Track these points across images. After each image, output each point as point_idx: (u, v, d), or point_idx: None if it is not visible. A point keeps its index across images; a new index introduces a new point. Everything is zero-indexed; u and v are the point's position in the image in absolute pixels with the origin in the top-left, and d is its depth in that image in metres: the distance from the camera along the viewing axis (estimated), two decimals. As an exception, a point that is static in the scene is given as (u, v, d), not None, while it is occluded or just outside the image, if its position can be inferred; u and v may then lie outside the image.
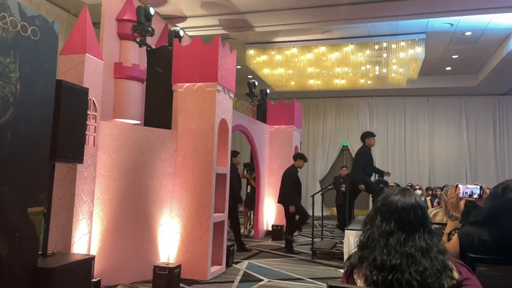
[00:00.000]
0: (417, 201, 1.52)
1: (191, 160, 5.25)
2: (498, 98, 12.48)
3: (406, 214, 1.48)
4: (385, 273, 1.41)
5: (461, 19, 7.45)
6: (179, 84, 5.42)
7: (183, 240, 5.16)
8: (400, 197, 1.53)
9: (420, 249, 1.42)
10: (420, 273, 1.37)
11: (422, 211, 1.50)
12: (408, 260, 1.40)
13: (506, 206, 1.96)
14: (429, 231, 1.47)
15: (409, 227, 1.47)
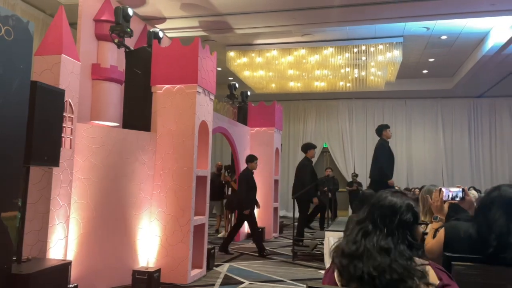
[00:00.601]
0: (406, 205, 1.52)
1: (171, 162, 5.19)
2: (473, 100, 12.82)
3: (387, 213, 1.51)
4: (345, 259, 1.47)
5: (437, 23, 7.63)
6: (158, 85, 5.37)
7: (163, 244, 5.10)
8: (392, 197, 1.56)
9: (378, 247, 1.44)
10: (374, 268, 1.40)
11: (404, 217, 1.50)
12: (366, 254, 1.44)
13: (491, 202, 2.02)
14: (403, 238, 1.46)
15: (385, 225, 1.49)
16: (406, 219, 1.49)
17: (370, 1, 6.33)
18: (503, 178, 12.37)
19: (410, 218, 1.50)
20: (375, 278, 1.39)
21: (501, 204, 1.98)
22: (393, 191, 1.61)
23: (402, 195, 1.58)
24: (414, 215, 1.52)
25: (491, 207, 2.00)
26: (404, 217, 1.49)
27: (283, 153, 12.34)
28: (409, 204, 1.53)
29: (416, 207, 1.55)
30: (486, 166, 12.70)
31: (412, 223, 1.51)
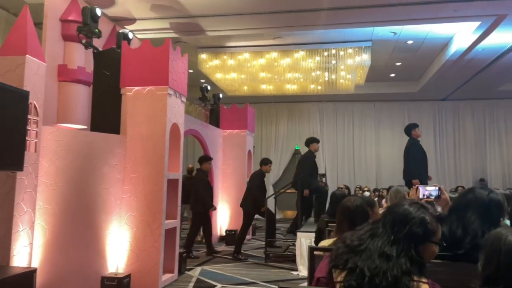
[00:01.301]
0: (420, 219, 1.48)
1: (141, 165, 5.11)
2: (438, 103, 13.26)
3: (398, 220, 1.49)
4: (344, 248, 1.51)
5: (403, 28, 7.86)
6: (128, 87, 5.27)
7: (133, 249, 5.00)
8: (409, 206, 1.53)
9: (381, 251, 1.44)
10: (369, 268, 1.41)
11: (414, 229, 1.46)
12: (366, 252, 1.45)
13: (467, 205, 2.08)
14: (408, 250, 1.43)
15: (393, 232, 1.48)
16: (415, 232, 1.46)
17: (339, 6, 6.45)
18: (466, 177, 12.87)
19: (419, 232, 1.46)
20: (365, 277, 1.40)
21: (477, 207, 2.03)
22: (412, 202, 1.57)
23: (421, 207, 1.53)
24: (425, 230, 1.47)
25: (467, 209, 2.05)
26: (413, 229, 1.46)
27: (256, 156, 12.37)
28: (423, 218, 1.48)
29: (432, 223, 1.49)
30: (450, 166, 13.16)
31: (421, 238, 1.47)
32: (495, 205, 2.05)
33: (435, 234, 1.50)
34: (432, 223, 1.49)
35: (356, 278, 1.42)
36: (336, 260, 1.51)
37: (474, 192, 2.11)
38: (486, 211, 2.03)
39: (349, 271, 1.45)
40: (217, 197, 8.64)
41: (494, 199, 2.06)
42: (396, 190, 3.61)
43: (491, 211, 2.03)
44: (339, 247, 1.55)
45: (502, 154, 12.80)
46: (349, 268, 1.45)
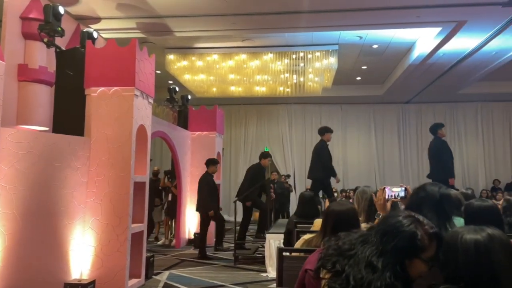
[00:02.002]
0: (410, 233, 1.45)
1: (107, 168, 4.98)
2: (401, 106, 13.67)
3: (389, 231, 1.48)
4: (334, 250, 1.51)
5: (368, 33, 8.06)
6: (92, 88, 5.13)
7: (98, 254, 4.86)
8: (403, 219, 1.50)
9: (368, 261, 1.43)
10: (355, 278, 1.41)
11: (401, 244, 1.44)
12: (355, 258, 1.46)
13: (421, 203, 2.14)
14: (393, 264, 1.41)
15: (382, 243, 1.46)
16: (403, 246, 1.43)
17: (307, 9, 6.54)
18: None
19: (407, 246, 1.43)
20: (349, 284, 1.41)
21: (430, 204, 2.10)
22: (407, 215, 1.53)
23: (415, 221, 1.49)
24: (413, 246, 1.43)
25: (422, 207, 2.10)
26: (401, 243, 1.44)
27: (225, 158, 12.32)
28: (414, 233, 1.45)
29: (423, 240, 1.44)
30: (413, 166, 13.59)
31: (408, 253, 1.44)
32: (446, 199, 2.14)
33: (424, 250, 1.45)
34: (423, 239, 1.45)
35: (341, 282, 1.43)
36: (325, 260, 1.52)
37: (425, 189, 2.18)
38: (439, 207, 2.10)
39: (335, 273, 1.47)
40: (185, 200, 8.54)
41: (445, 193, 2.15)
42: (362, 190, 3.68)
43: (443, 206, 2.11)
44: (330, 246, 1.56)
45: (462, 155, 13.34)
46: (336, 270, 1.46)
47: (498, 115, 13.32)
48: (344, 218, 2.37)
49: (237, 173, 13.94)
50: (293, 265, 2.34)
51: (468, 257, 1.39)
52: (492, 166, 13.23)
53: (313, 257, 1.64)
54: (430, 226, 1.50)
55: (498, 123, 13.32)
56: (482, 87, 11.62)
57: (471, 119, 13.42)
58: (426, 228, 1.48)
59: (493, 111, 13.28)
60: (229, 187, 13.74)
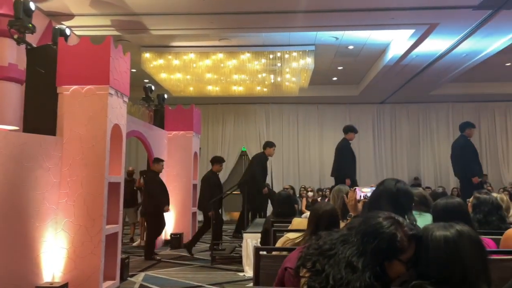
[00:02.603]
0: (390, 234, 1.46)
1: (80, 168, 4.87)
2: (376, 106, 13.92)
3: (369, 232, 1.49)
4: (314, 250, 1.53)
5: (344, 34, 8.17)
6: (65, 86, 5.01)
7: (71, 256, 4.75)
8: (383, 220, 1.52)
9: (348, 261, 1.44)
10: (335, 277, 1.43)
11: (381, 245, 1.45)
12: (335, 258, 1.47)
13: (379, 196, 2.22)
14: (373, 265, 1.43)
15: (362, 243, 1.48)
16: (382, 247, 1.45)
17: (283, 10, 6.57)
18: (402, 176, 13.59)
19: (386, 247, 1.45)
20: (328, 284, 1.42)
21: (387, 197, 2.18)
22: (388, 216, 1.54)
23: (396, 223, 1.51)
24: (393, 247, 1.45)
25: (380, 200, 2.19)
26: (381, 244, 1.45)
27: (202, 157, 12.25)
28: (394, 235, 1.47)
29: (402, 241, 1.46)
30: (388, 165, 13.86)
31: (387, 254, 1.46)
32: (402, 193, 2.21)
33: (403, 252, 1.47)
34: (403, 241, 1.46)
35: (321, 281, 1.44)
36: (305, 259, 1.53)
37: (384, 183, 2.27)
38: (395, 200, 2.18)
39: (315, 272, 1.48)
40: (162, 200, 8.44)
41: (401, 188, 2.23)
42: (338, 189, 3.73)
43: (399, 199, 2.19)
44: (311, 245, 1.57)
45: (434, 154, 13.70)
46: (316, 270, 1.47)
47: (468, 115, 13.70)
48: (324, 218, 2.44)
49: (214, 173, 13.86)
50: (270, 264, 2.35)
51: (438, 253, 1.43)
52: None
53: (293, 255, 1.65)
54: (409, 228, 1.51)
55: (469, 123, 13.73)
56: (453, 88, 11.97)
57: (443, 119, 13.79)
58: (406, 230, 1.50)
59: (464, 111, 13.68)
60: (206, 187, 13.66)
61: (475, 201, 3.13)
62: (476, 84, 11.93)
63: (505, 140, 13.48)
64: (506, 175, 13.20)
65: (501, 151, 13.43)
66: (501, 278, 1.85)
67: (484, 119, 13.62)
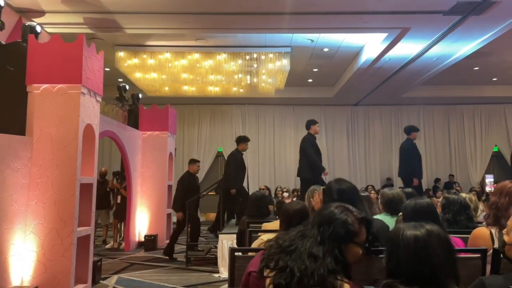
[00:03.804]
0: (343, 220, 1.59)
1: (50, 169, 4.74)
2: (350, 108, 14.15)
3: (324, 221, 1.60)
4: (276, 249, 1.57)
5: (320, 36, 8.27)
6: (35, 85, 4.87)
7: (41, 259, 4.62)
8: (335, 209, 1.65)
9: (309, 252, 1.52)
10: (299, 269, 1.49)
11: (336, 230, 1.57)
12: (296, 253, 1.53)
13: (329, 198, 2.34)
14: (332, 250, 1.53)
15: (319, 233, 1.58)
16: (338, 232, 1.57)
17: (259, 11, 6.59)
18: (375, 177, 13.91)
19: (341, 232, 1.58)
20: (294, 276, 1.47)
21: (329, 196, 2.30)
22: (338, 205, 1.67)
23: (345, 210, 1.65)
24: (347, 231, 1.58)
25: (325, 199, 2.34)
26: (336, 230, 1.57)
27: (177, 158, 12.13)
28: (346, 220, 1.60)
29: (354, 225, 1.60)
30: (361, 166, 14.11)
31: (343, 239, 1.57)
32: (342, 193, 2.33)
33: (357, 235, 1.61)
34: (354, 224, 1.60)
35: (286, 277, 1.49)
36: (268, 259, 1.57)
37: (329, 184, 2.44)
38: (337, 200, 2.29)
39: (279, 269, 1.51)
40: (135, 201, 8.32)
41: (340, 188, 2.36)
42: (313, 189, 3.77)
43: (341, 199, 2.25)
44: (271, 246, 1.61)
45: (406, 156, 14.03)
46: (280, 267, 1.51)
47: (439, 117, 14.14)
48: (296, 217, 2.47)
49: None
50: (245, 265, 2.34)
51: (408, 252, 1.47)
52: (433, 166, 14.02)
53: (255, 259, 1.68)
54: (358, 213, 1.67)
55: (439, 125, 14.14)
56: (424, 91, 12.30)
57: (414, 121, 14.08)
58: (355, 214, 1.64)
59: (434, 114, 14.09)
60: (182, 188, 13.54)
61: (444, 201, 3.23)
62: (446, 87, 12.31)
63: (473, 142, 13.95)
64: (474, 176, 13.66)
65: (469, 153, 13.89)
66: (468, 276, 1.92)
67: (453, 122, 14.06)
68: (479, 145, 13.84)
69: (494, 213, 2.40)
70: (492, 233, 2.34)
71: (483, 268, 2.15)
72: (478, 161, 13.84)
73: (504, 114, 13.85)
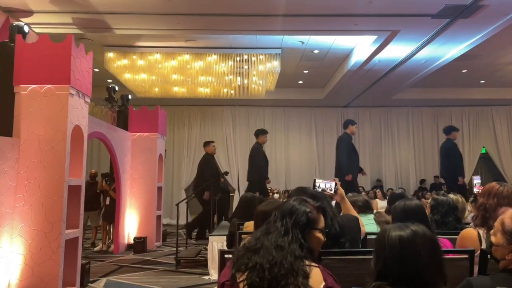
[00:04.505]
0: (303, 210, 1.72)
1: (38, 171, 4.67)
2: (340, 109, 14.22)
3: (286, 213, 1.71)
4: (242, 251, 1.62)
5: (310, 38, 8.30)
6: (23, 85, 4.80)
7: (28, 262, 4.55)
8: (294, 202, 1.79)
9: (275, 244, 1.60)
10: (268, 261, 1.54)
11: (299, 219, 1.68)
12: (263, 249, 1.59)
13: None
14: (296, 238, 1.63)
15: (282, 225, 1.67)
16: (300, 221, 1.69)
17: (250, 13, 6.59)
18: (365, 178, 13.82)
19: (304, 220, 1.70)
20: (265, 270, 1.51)
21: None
22: (296, 198, 1.83)
23: (303, 201, 1.80)
24: (308, 219, 1.71)
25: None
26: (298, 219, 1.69)
27: (167, 159, 12.07)
28: (305, 210, 1.74)
29: (312, 213, 1.75)
30: (351, 165, 14.18)
31: (305, 226, 1.69)
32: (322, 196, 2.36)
33: (316, 222, 1.75)
34: (313, 212, 1.75)
35: (258, 273, 1.52)
36: (238, 264, 1.58)
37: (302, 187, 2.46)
38: None
39: (250, 269, 1.54)
40: (125, 203, 8.25)
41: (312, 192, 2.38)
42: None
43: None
44: (239, 250, 1.64)
45: (395, 157, 14.15)
46: (251, 267, 1.54)
47: (427, 119, 14.29)
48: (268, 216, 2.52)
49: (180, 175, 13.70)
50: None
51: (393, 252, 1.48)
52: (422, 168, 14.15)
53: (225, 270, 1.69)
54: (314, 202, 1.83)
55: (427, 127, 14.28)
56: (413, 93, 12.42)
57: (403, 123, 14.27)
58: (312, 203, 1.80)
59: (423, 115, 14.23)
60: (172, 190, 13.49)
61: (433, 202, 3.26)
62: (435, 89, 12.45)
63: (461, 143, 14.07)
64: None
65: (458, 154, 14.04)
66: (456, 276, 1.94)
67: (441, 123, 14.16)
68: (467, 146, 14.01)
69: (482, 214, 2.42)
70: (479, 234, 2.37)
71: (471, 269, 2.18)
72: (466, 162, 13.98)
73: (492, 116, 14.04)
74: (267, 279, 1.50)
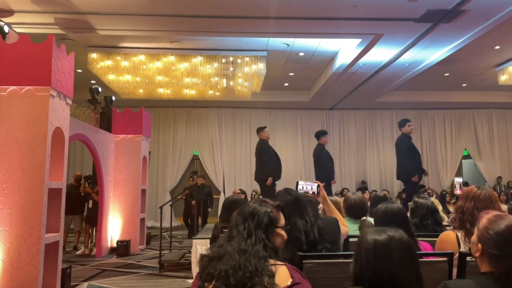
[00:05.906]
0: (264, 211, 1.72)
1: (17, 174, 4.58)
2: (326, 112, 14.31)
3: (248, 216, 1.71)
4: (206, 261, 1.61)
5: (295, 41, 8.33)
6: (2, 86, 4.72)
7: (6, 268, 4.45)
8: (254, 203, 1.78)
9: (238, 249, 1.59)
10: (231, 266, 1.52)
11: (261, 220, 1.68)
12: (227, 255, 1.57)
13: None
14: (260, 239, 1.62)
15: (245, 228, 1.66)
16: (263, 221, 1.69)
17: (235, 15, 6.58)
18: (350, 180, 14.09)
19: (266, 220, 1.70)
20: (229, 276, 1.50)
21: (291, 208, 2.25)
22: (256, 200, 1.83)
23: (263, 202, 1.80)
24: (270, 219, 1.71)
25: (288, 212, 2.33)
26: (260, 220, 1.69)
27: (152, 161, 11.98)
28: (266, 210, 1.74)
29: (273, 213, 1.75)
30: (336, 168, 14.14)
31: (268, 226, 1.69)
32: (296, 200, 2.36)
33: (278, 220, 1.76)
34: (274, 212, 1.75)
35: (222, 280, 1.51)
36: (204, 274, 1.58)
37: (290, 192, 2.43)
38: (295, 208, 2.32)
39: (217, 277, 1.53)
40: (107, 206, 8.14)
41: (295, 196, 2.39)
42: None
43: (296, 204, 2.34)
44: (204, 261, 1.63)
45: (380, 159, 14.28)
46: (216, 275, 1.53)
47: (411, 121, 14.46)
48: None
49: (164, 177, 13.59)
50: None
51: (368, 256, 1.49)
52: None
53: (194, 281, 1.68)
54: (274, 201, 1.84)
55: (411, 129, 14.46)
56: (397, 96, 12.57)
57: (387, 125, 14.42)
58: (272, 203, 1.81)
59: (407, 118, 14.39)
60: (156, 192, 13.37)
61: (413, 205, 3.29)
62: (418, 92, 12.63)
63: (443, 146, 14.33)
64: (445, 179, 14.03)
65: (440, 157, 14.25)
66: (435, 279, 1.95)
67: (424, 126, 14.41)
68: (450, 149, 14.24)
69: (459, 217, 2.45)
70: (458, 236, 2.39)
71: (450, 271, 2.20)
72: (449, 164, 14.22)
73: (473, 119, 14.30)
74: (233, 284, 1.48)
